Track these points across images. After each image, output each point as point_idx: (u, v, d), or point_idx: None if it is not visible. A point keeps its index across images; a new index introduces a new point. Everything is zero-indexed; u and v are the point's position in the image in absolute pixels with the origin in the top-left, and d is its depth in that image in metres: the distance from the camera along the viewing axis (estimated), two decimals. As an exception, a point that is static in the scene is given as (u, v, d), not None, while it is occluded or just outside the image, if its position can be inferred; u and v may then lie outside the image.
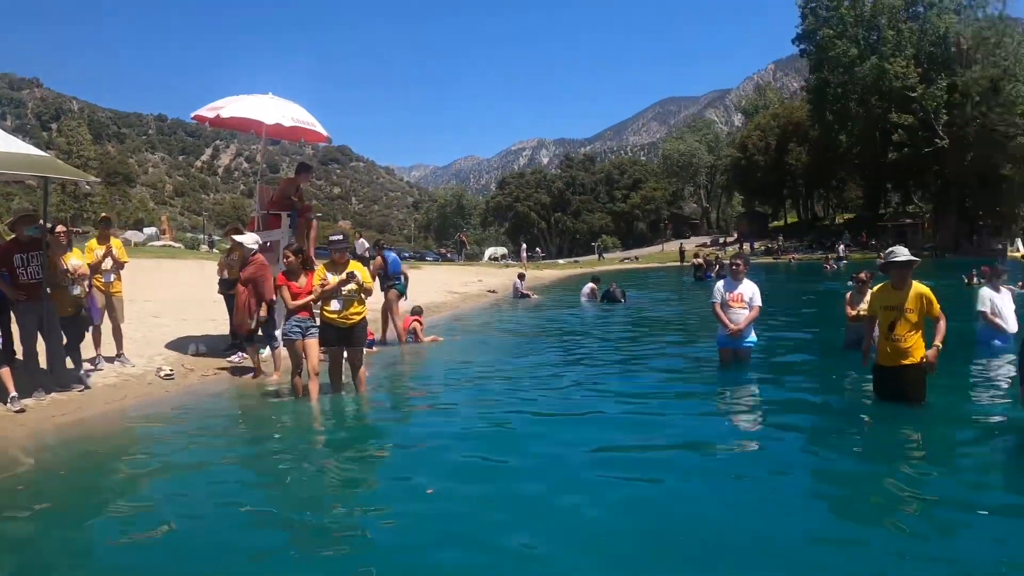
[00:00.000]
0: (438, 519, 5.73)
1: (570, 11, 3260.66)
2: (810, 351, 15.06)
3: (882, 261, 9.31)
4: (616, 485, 6.65)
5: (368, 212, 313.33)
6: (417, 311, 17.16)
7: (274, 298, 11.77)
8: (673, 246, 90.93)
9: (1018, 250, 71.90)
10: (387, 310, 16.57)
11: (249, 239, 12.42)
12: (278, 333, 12.00)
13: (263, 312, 11.90)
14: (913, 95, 72.51)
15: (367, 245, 17.94)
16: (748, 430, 8.87)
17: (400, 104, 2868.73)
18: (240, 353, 13.03)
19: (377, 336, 16.03)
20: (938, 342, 8.73)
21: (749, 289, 11.93)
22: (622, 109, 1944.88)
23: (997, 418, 9.02)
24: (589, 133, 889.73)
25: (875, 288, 9.65)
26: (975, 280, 24.65)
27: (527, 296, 29.99)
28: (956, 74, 73.42)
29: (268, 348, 12.76)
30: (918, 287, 8.78)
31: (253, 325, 12.00)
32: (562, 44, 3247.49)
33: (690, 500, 6.28)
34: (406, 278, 17.16)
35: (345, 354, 10.54)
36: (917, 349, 8.70)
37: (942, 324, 8.82)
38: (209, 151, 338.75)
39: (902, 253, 8.94)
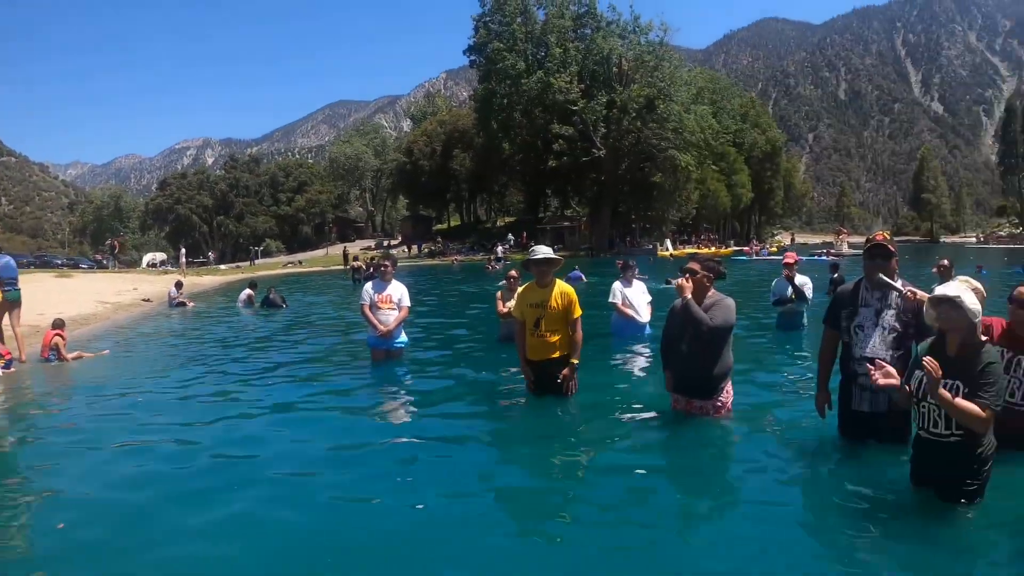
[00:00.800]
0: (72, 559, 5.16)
1: (240, 5, 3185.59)
2: (466, 346, 15.26)
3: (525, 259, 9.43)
4: (269, 483, 6.60)
5: (19, 214, 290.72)
6: (59, 324, 15.58)
7: None
8: (337, 249, 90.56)
9: (667, 249, 77.89)
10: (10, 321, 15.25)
11: None
12: None
13: None
14: (575, 108, 77.65)
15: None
16: (398, 426, 8.81)
17: (57, 94, 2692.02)
18: None
19: (15, 355, 14.60)
20: (574, 360, 8.89)
21: (398, 290, 11.92)
22: (292, 110, 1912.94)
23: (639, 401, 9.44)
24: (258, 134, 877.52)
25: (522, 287, 9.71)
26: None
27: (183, 304, 28.60)
28: (615, 91, 79.74)
29: None
30: (561, 285, 8.89)
31: None
32: (233, 39, 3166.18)
33: (343, 489, 6.37)
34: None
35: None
36: (563, 344, 8.85)
37: (578, 337, 8.92)
38: None
39: (542, 251, 9.01)
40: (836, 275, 19.26)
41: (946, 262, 14.33)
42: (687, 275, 7.51)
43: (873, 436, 6.61)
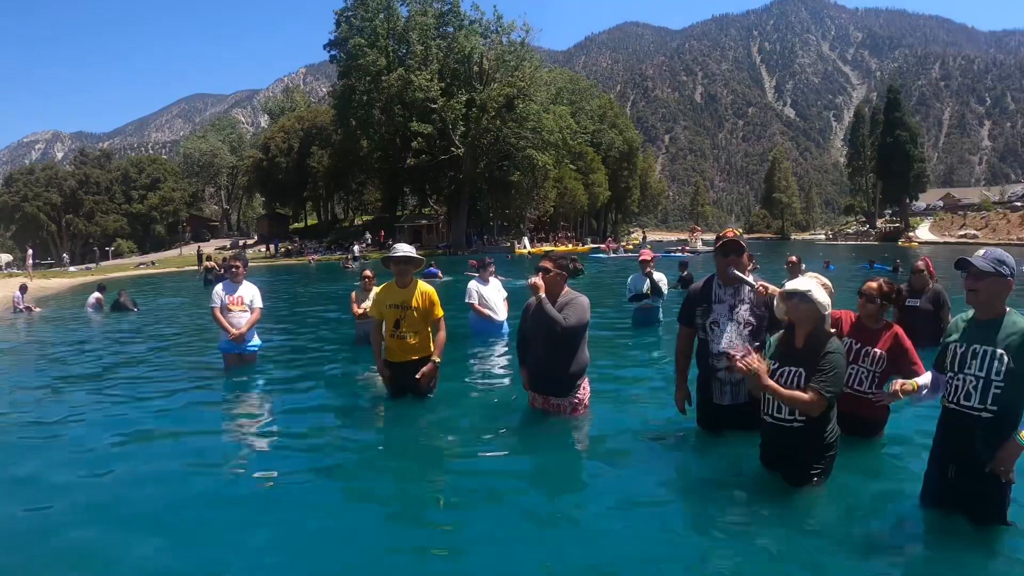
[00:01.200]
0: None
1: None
2: (322, 348, 14.97)
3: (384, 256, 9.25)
4: (111, 485, 6.49)
5: None
6: None
7: None
8: (192, 249, 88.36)
9: (525, 247, 78.52)
10: None
11: None
12: None
13: None
14: (434, 106, 77.66)
15: None
16: (249, 431, 8.56)
17: None
18: None
19: None
20: (436, 357, 8.78)
21: (249, 292, 11.48)
22: (147, 103, 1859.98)
23: (497, 399, 9.56)
24: (109, 127, 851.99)
25: (380, 287, 9.48)
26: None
27: (28, 310, 27.32)
28: (476, 90, 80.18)
29: None
30: (423, 285, 8.77)
31: None
32: (86, 26, 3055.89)
33: (197, 497, 6.19)
34: None
35: None
36: (424, 344, 8.76)
37: (441, 336, 8.83)
38: None
39: (403, 249, 8.82)
40: (685, 273, 19.68)
41: (795, 258, 14.76)
42: (540, 273, 7.48)
43: (732, 426, 6.76)
